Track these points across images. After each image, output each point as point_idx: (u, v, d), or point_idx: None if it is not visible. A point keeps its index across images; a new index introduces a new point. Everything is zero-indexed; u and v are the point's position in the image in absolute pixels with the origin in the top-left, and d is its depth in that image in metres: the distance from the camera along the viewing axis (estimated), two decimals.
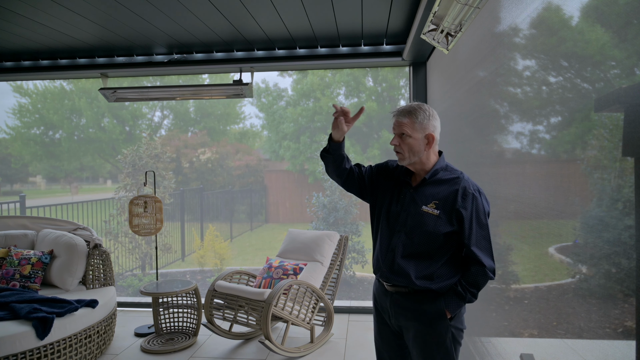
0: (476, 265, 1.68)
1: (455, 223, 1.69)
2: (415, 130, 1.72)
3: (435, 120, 1.75)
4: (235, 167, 14.09)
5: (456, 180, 1.73)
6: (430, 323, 1.73)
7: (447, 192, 1.71)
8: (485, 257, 1.68)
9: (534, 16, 1.51)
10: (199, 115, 15.82)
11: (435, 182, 1.76)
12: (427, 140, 1.73)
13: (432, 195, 1.73)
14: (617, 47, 1.09)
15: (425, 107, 1.75)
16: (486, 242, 1.69)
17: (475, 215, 1.67)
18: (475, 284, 1.70)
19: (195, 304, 3.58)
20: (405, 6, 2.78)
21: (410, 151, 1.74)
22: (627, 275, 1.04)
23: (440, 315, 1.72)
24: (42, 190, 20.01)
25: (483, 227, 1.68)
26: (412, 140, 1.73)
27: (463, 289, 1.71)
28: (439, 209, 1.70)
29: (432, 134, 1.73)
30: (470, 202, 1.67)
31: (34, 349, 2.61)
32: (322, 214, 7.45)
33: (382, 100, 13.55)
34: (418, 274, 1.73)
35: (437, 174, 1.76)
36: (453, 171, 1.77)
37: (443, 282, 1.72)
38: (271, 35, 3.36)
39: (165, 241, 7.57)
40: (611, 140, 1.10)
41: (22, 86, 14.63)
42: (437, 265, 1.72)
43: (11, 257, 3.36)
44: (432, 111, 1.76)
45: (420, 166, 1.77)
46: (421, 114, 1.72)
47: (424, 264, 1.73)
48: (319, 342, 3.44)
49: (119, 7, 2.75)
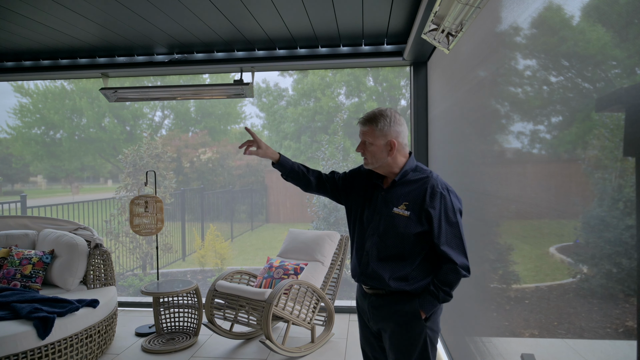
0: (448, 264, 1.68)
1: (425, 223, 1.69)
2: (376, 138, 1.73)
3: (397, 125, 1.74)
4: (235, 166, 14.09)
5: (425, 180, 1.73)
6: (406, 324, 1.74)
7: (417, 193, 1.72)
8: (456, 254, 1.68)
9: (535, 16, 1.51)
10: (200, 115, 15.82)
11: (404, 183, 1.76)
12: (390, 146, 1.73)
13: (402, 196, 1.74)
14: (618, 46, 1.09)
15: (388, 112, 1.74)
16: (457, 239, 1.68)
17: (444, 214, 1.67)
18: (447, 282, 1.69)
19: (196, 304, 3.58)
20: (406, 6, 2.78)
21: (373, 157, 1.76)
22: (628, 275, 1.04)
23: (415, 315, 1.72)
24: (43, 190, 20.03)
25: (453, 224, 1.68)
26: (374, 147, 1.74)
27: (436, 288, 1.70)
28: (409, 209, 1.70)
29: (393, 140, 1.73)
30: (439, 200, 1.67)
31: (35, 348, 2.61)
32: (322, 214, 7.44)
33: (382, 100, 13.55)
34: (392, 275, 1.73)
35: (407, 175, 1.77)
36: (422, 171, 1.78)
37: (417, 282, 1.73)
38: (272, 35, 3.36)
39: (166, 241, 7.57)
40: (612, 140, 1.10)
41: (23, 86, 14.64)
42: (411, 267, 1.72)
43: (12, 257, 3.36)
44: (395, 116, 1.75)
45: (388, 169, 1.78)
46: (382, 121, 1.73)
47: (398, 266, 1.73)
48: (319, 342, 3.44)
49: (120, 7, 2.75)
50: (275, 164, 1.92)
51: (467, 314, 2.50)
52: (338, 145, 8.20)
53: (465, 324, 2.56)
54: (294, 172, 1.94)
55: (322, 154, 7.94)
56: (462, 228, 1.72)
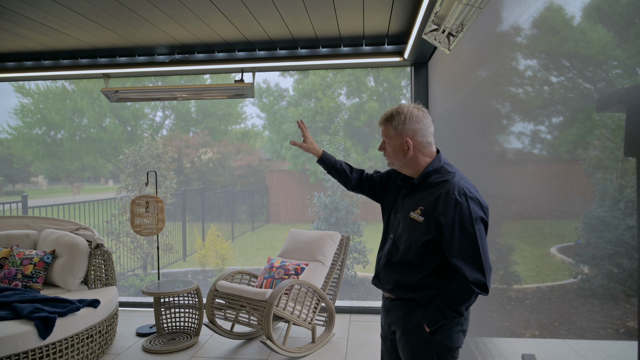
0: (459, 278, 1.52)
1: (435, 231, 1.54)
2: (392, 137, 1.66)
3: (414, 122, 1.62)
4: (236, 167, 14.10)
5: (444, 183, 1.58)
6: (411, 333, 1.64)
7: (433, 198, 1.58)
8: (470, 269, 1.49)
9: (536, 16, 1.51)
10: (201, 115, 15.84)
11: (425, 186, 1.65)
12: (407, 146, 1.63)
13: (420, 200, 1.63)
14: (619, 47, 1.09)
15: (404, 109, 1.65)
16: (473, 252, 1.49)
17: (459, 223, 1.50)
18: (454, 299, 1.53)
19: (197, 304, 3.58)
20: (407, 6, 2.78)
21: (393, 157, 1.69)
22: (629, 276, 1.04)
23: (420, 327, 1.61)
24: (44, 190, 20.05)
25: (469, 235, 1.49)
26: (390, 147, 1.67)
27: (442, 303, 1.55)
28: (423, 215, 1.58)
29: (408, 139, 1.63)
30: (453, 208, 1.51)
31: (36, 348, 2.61)
32: (323, 214, 7.44)
33: (383, 100, 13.55)
34: (398, 282, 1.67)
35: (428, 177, 1.64)
36: (445, 173, 1.62)
37: (428, 292, 1.61)
38: (273, 36, 3.36)
39: (166, 241, 7.58)
40: (613, 141, 1.10)
41: (24, 86, 14.67)
42: (420, 275, 1.61)
43: (13, 257, 3.37)
44: (412, 112, 1.64)
45: (413, 170, 1.69)
46: (396, 119, 1.64)
47: (405, 273, 1.64)
48: (320, 342, 3.44)
49: (121, 8, 2.75)
50: (319, 160, 1.99)
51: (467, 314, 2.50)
52: (339, 146, 8.20)
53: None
54: (336, 170, 1.99)
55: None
56: (484, 239, 1.52)
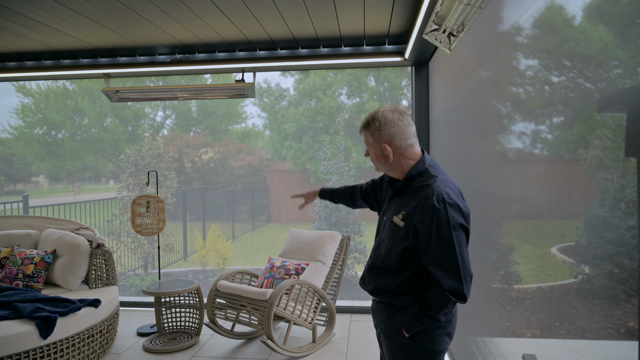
0: (436, 286, 1.50)
1: (412, 238, 1.52)
2: (371, 144, 1.66)
3: (389, 127, 1.60)
4: (237, 166, 14.10)
5: (424, 188, 1.54)
6: (392, 337, 1.66)
7: (414, 203, 1.54)
8: (446, 277, 1.46)
9: (537, 16, 1.51)
10: (201, 115, 15.85)
11: (408, 190, 1.63)
12: (386, 151, 1.62)
13: (403, 205, 1.61)
14: (620, 46, 1.09)
15: (378, 115, 1.63)
16: (449, 260, 1.46)
17: (436, 230, 1.46)
18: (429, 306, 1.51)
19: (198, 304, 3.58)
20: (408, 6, 2.78)
21: (376, 162, 1.69)
22: (630, 276, 1.04)
23: (400, 331, 1.61)
24: (44, 190, 20.07)
25: (446, 243, 1.46)
26: (372, 153, 1.68)
27: (419, 310, 1.54)
28: (404, 220, 1.56)
29: (386, 145, 1.61)
30: (430, 215, 1.47)
31: (37, 348, 2.62)
32: (324, 214, 7.45)
33: (384, 100, 13.55)
34: (380, 287, 1.67)
35: (412, 180, 1.62)
36: (428, 177, 1.58)
37: (407, 297, 1.61)
38: (273, 36, 3.36)
39: (167, 241, 7.58)
40: (614, 141, 1.10)
41: (25, 86, 14.69)
42: (399, 280, 1.60)
43: (14, 256, 3.37)
44: (386, 117, 1.62)
45: (399, 172, 1.67)
46: (372, 126, 1.63)
47: (385, 277, 1.64)
48: (321, 342, 3.45)
49: (122, 8, 2.75)
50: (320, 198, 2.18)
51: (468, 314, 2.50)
52: (339, 146, 8.20)
53: (466, 324, 2.56)
54: (338, 197, 2.14)
55: (324, 154, 7.95)
56: (463, 246, 1.49)
